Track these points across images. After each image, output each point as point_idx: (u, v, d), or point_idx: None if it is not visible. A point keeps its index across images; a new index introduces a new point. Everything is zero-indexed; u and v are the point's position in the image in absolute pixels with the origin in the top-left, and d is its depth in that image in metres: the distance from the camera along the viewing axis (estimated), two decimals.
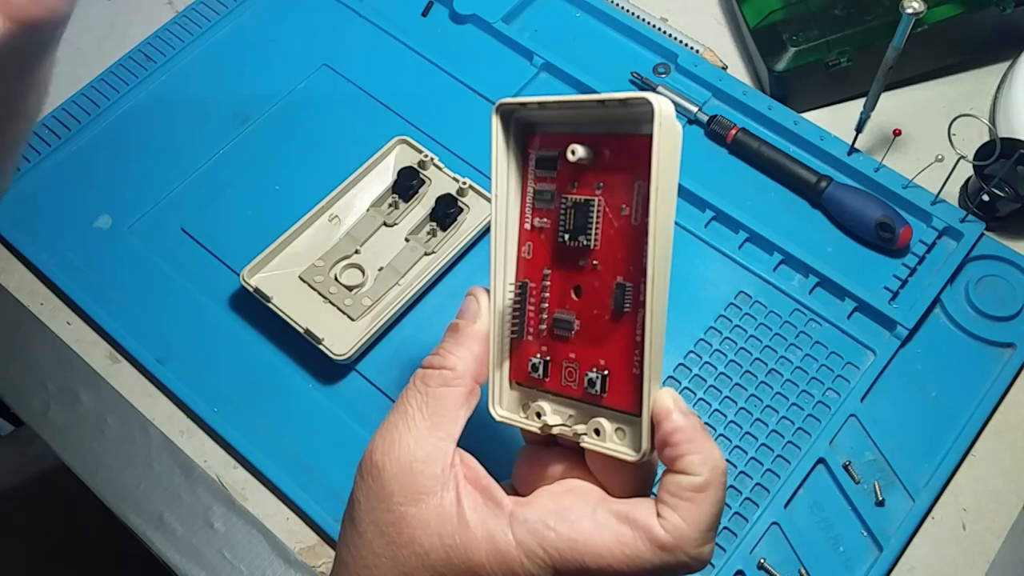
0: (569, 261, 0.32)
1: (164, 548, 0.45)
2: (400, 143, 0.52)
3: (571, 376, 0.32)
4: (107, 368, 0.49)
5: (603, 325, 0.32)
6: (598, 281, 0.32)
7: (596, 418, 0.32)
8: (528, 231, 0.33)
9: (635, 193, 0.31)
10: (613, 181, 0.31)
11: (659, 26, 0.58)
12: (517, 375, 0.34)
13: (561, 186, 0.32)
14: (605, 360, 0.32)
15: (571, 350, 0.32)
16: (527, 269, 0.33)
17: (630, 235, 0.31)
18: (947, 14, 0.53)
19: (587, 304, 0.32)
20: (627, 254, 0.31)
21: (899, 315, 0.48)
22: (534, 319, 0.33)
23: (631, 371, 0.31)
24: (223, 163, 0.54)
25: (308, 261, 0.49)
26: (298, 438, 0.46)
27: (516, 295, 0.33)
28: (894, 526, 0.43)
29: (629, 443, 0.31)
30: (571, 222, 0.32)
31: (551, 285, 0.33)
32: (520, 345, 0.34)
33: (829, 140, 0.53)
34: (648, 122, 0.29)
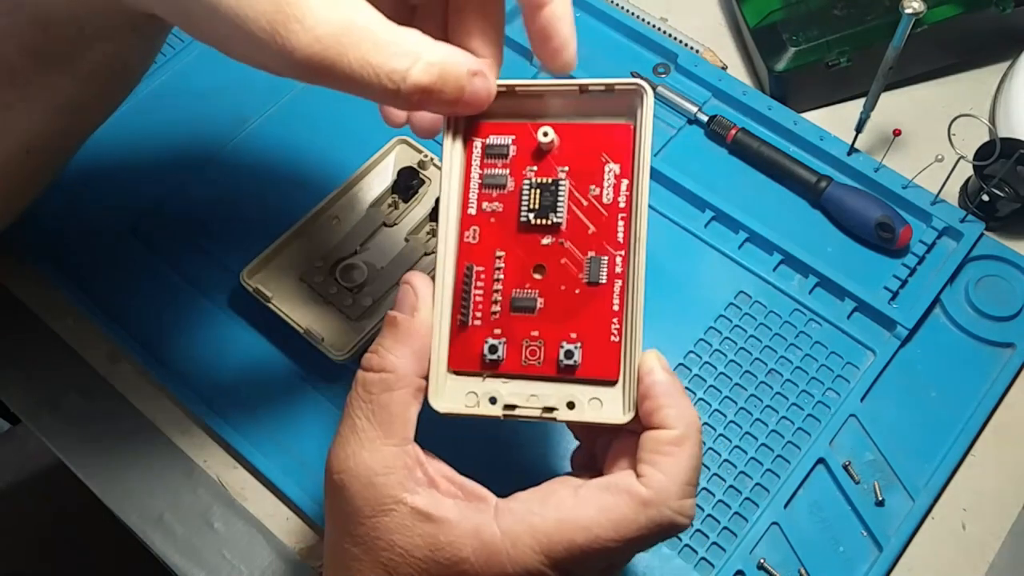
0: (530, 241, 0.33)
1: (164, 548, 0.45)
2: (400, 143, 0.52)
3: (534, 355, 0.33)
4: (107, 368, 0.49)
5: (573, 299, 0.33)
6: (566, 257, 0.33)
7: (567, 392, 0.32)
8: (472, 216, 0.34)
9: (607, 174, 0.33)
10: (580, 164, 0.33)
11: (659, 26, 0.58)
12: (458, 363, 0.33)
13: (516, 170, 0.33)
14: (577, 332, 0.32)
15: (534, 328, 0.33)
16: (472, 253, 0.33)
17: (602, 213, 0.33)
18: (947, 14, 0.53)
19: (553, 281, 0.33)
20: (599, 230, 0.33)
21: (899, 315, 0.48)
22: (483, 303, 0.33)
23: (608, 340, 0.32)
24: (223, 163, 0.54)
25: (308, 262, 0.49)
26: (298, 438, 0.46)
27: (462, 280, 0.33)
28: (894, 526, 0.43)
29: (609, 410, 0.32)
30: (536, 201, 0.33)
31: (506, 267, 0.33)
32: (464, 332, 0.33)
33: (829, 140, 0.53)
34: (626, 113, 0.32)
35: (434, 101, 0.30)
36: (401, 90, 0.29)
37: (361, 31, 0.28)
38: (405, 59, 0.28)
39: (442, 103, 0.30)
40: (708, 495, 0.44)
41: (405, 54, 0.28)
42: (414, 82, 0.29)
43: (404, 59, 0.28)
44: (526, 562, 0.30)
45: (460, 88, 0.30)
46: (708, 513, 0.44)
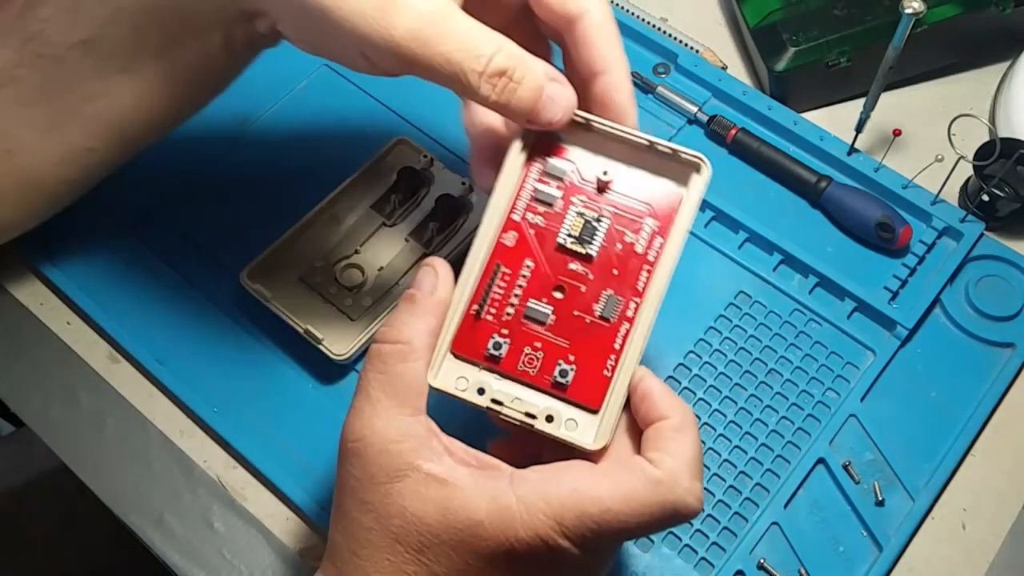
0: (560, 262, 0.35)
1: (164, 548, 0.45)
2: (400, 143, 0.52)
3: (531, 363, 0.34)
4: (107, 368, 0.49)
5: (582, 326, 0.34)
6: (587, 287, 0.35)
7: (550, 405, 0.34)
8: (515, 221, 0.35)
9: (644, 227, 0.35)
10: (625, 209, 0.35)
11: (659, 26, 0.58)
12: (461, 348, 0.35)
13: (568, 195, 0.35)
14: (576, 357, 0.34)
15: (539, 340, 0.34)
16: (505, 255, 0.35)
17: (631, 260, 0.35)
18: (947, 14, 0.53)
19: (569, 303, 0.35)
20: (623, 274, 0.35)
21: (899, 315, 0.48)
22: (500, 302, 0.35)
23: (601, 372, 0.34)
24: (223, 163, 0.54)
25: (308, 262, 0.49)
26: (298, 438, 0.46)
27: (488, 275, 0.35)
28: (894, 526, 0.43)
29: (582, 434, 0.34)
30: (578, 229, 0.35)
31: (530, 277, 0.35)
32: (476, 323, 0.35)
33: (829, 140, 0.53)
34: (681, 179, 0.35)
35: (512, 96, 0.32)
36: (484, 73, 0.31)
37: (455, 19, 0.31)
38: (492, 46, 0.31)
39: (520, 101, 0.32)
40: (708, 495, 0.44)
41: (492, 42, 0.31)
42: (496, 65, 0.31)
43: (491, 46, 0.31)
44: (538, 527, 0.30)
45: (538, 87, 0.32)
46: (708, 513, 0.44)
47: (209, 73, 0.40)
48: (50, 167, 0.41)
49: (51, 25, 0.37)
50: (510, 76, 0.31)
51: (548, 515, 0.30)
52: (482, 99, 0.32)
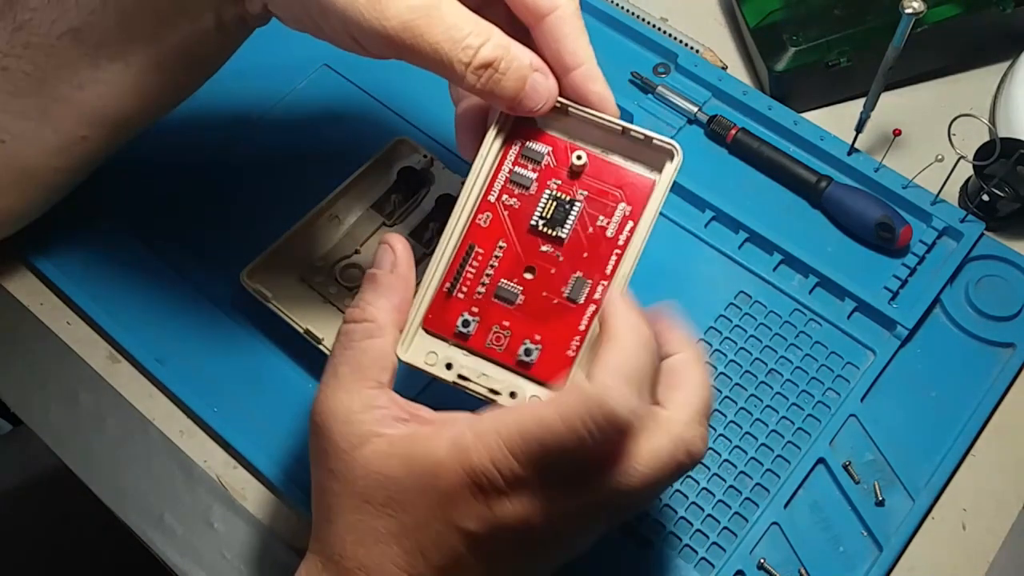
0: (532, 244, 0.36)
1: (164, 548, 0.45)
2: (400, 143, 0.52)
3: (498, 341, 0.35)
4: (107, 368, 0.49)
5: (550, 307, 0.35)
6: (556, 269, 0.36)
7: (514, 382, 0.35)
8: (490, 203, 0.36)
9: (617, 212, 0.36)
10: (599, 194, 0.36)
11: (659, 26, 0.58)
12: (432, 324, 0.36)
13: (543, 178, 0.36)
14: (542, 336, 0.35)
15: (507, 318, 0.35)
16: (479, 235, 0.36)
17: (601, 243, 0.35)
18: (947, 14, 0.53)
19: (538, 284, 0.36)
20: (592, 257, 0.35)
21: (899, 315, 0.48)
22: (472, 281, 0.36)
23: (565, 352, 0.35)
24: (223, 163, 0.54)
25: (308, 261, 0.49)
26: (299, 438, 0.46)
27: (461, 254, 0.36)
28: (894, 526, 0.43)
29: None
30: (550, 212, 0.36)
31: (502, 258, 0.36)
32: (447, 300, 0.36)
33: (829, 140, 0.53)
34: (655, 165, 0.36)
35: (497, 85, 0.33)
36: (471, 65, 0.32)
37: (445, 9, 0.32)
38: (479, 37, 0.32)
39: (504, 91, 0.33)
40: (708, 495, 0.44)
41: (480, 33, 0.32)
42: (482, 57, 0.32)
43: (478, 37, 0.32)
44: (492, 453, 0.30)
45: (521, 78, 0.33)
46: (708, 513, 0.44)
47: (201, 55, 0.40)
48: (45, 156, 0.41)
49: (39, 14, 0.37)
50: (495, 67, 0.32)
51: (498, 440, 0.30)
52: (468, 87, 0.33)
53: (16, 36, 0.37)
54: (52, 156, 0.41)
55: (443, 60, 0.32)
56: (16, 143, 0.40)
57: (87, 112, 0.40)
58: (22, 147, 0.40)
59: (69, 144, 0.41)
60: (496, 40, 0.32)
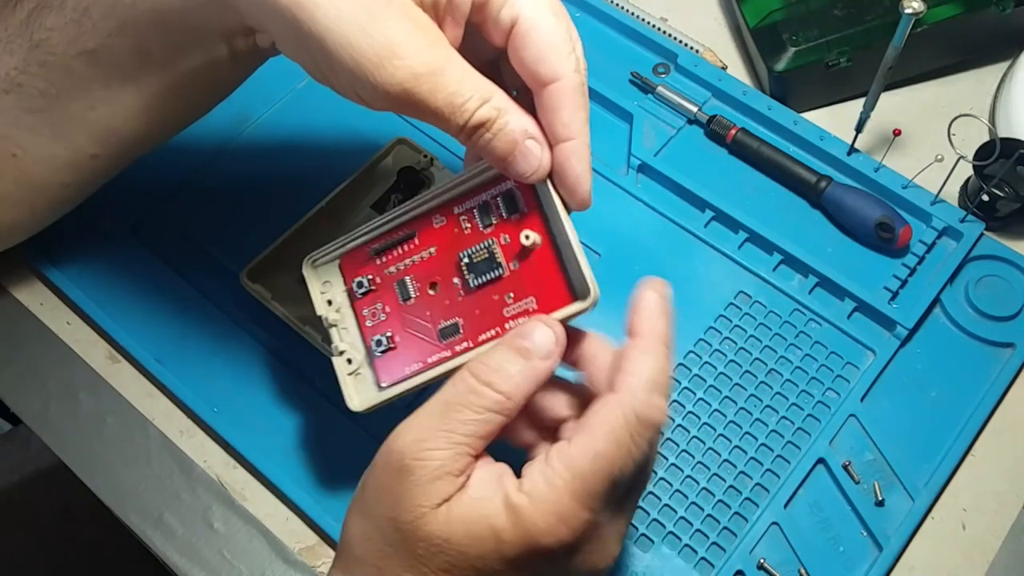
0: (450, 269, 0.37)
1: (164, 548, 0.45)
2: (400, 143, 0.52)
3: (373, 316, 0.38)
4: (107, 368, 0.49)
5: (420, 327, 0.37)
6: (449, 302, 0.36)
7: (358, 356, 0.38)
8: (453, 213, 0.37)
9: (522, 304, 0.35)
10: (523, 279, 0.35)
11: (659, 26, 0.58)
12: (345, 264, 0.40)
13: (498, 229, 0.36)
14: (399, 341, 0.37)
15: (390, 307, 0.38)
16: (425, 230, 0.38)
17: (492, 315, 0.35)
18: (947, 14, 0.53)
19: (429, 302, 0.37)
20: (475, 319, 0.35)
21: (899, 315, 0.48)
22: (392, 259, 0.38)
23: (403, 368, 0.37)
24: (223, 163, 0.54)
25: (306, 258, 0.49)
26: (299, 438, 0.46)
27: (402, 232, 0.38)
28: (894, 526, 0.43)
29: (354, 390, 0.38)
30: (480, 259, 0.36)
31: (425, 261, 0.37)
32: (368, 258, 0.39)
33: (829, 140, 0.53)
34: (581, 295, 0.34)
35: (487, 145, 0.33)
36: (465, 126, 0.32)
37: (447, 73, 0.32)
38: (477, 99, 0.32)
39: (494, 151, 0.33)
40: (708, 495, 0.44)
41: (477, 95, 0.32)
42: (477, 118, 0.32)
43: (476, 99, 0.32)
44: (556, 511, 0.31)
45: (511, 142, 0.33)
46: (708, 513, 0.44)
47: (214, 82, 0.40)
48: (55, 172, 0.41)
49: (57, 34, 0.37)
50: (487, 127, 0.33)
51: (558, 496, 0.30)
52: (463, 143, 0.34)
53: (32, 54, 0.37)
54: (62, 172, 0.41)
55: (441, 121, 0.33)
56: (27, 158, 0.40)
57: (99, 131, 0.40)
58: (33, 162, 0.41)
59: (79, 161, 0.41)
60: (494, 102, 0.33)
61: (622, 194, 0.52)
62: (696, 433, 0.46)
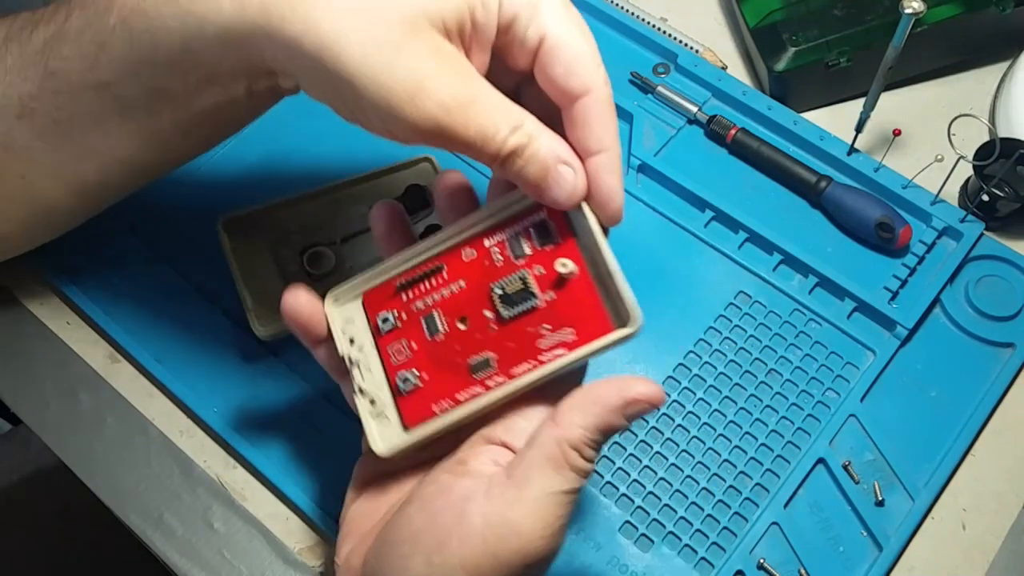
0: (481, 302, 0.35)
1: (164, 548, 0.45)
2: (425, 160, 0.51)
3: (399, 354, 0.36)
4: (107, 368, 0.49)
5: (450, 361, 0.35)
6: (481, 336, 0.34)
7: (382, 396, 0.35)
8: (484, 246, 0.35)
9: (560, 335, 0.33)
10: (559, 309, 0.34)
11: (659, 26, 0.58)
12: (368, 300, 0.37)
13: (532, 259, 0.34)
14: (428, 378, 0.35)
15: (417, 343, 0.35)
16: (453, 263, 0.36)
17: (528, 347, 0.34)
18: (947, 14, 0.53)
19: (459, 337, 0.35)
20: (510, 353, 0.34)
21: (899, 315, 0.48)
22: (419, 295, 0.36)
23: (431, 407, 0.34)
24: (223, 163, 0.54)
25: (286, 231, 0.48)
26: (298, 438, 0.46)
27: (430, 267, 0.36)
28: (894, 526, 0.43)
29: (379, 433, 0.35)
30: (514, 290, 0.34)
31: (454, 295, 0.35)
32: (393, 293, 0.36)
33: (829, 140, 0.53)
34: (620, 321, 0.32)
35: (520, 172, 0.32)
36: (499, 155, 0.32)
37: (478, 103, 0.31)
38: (507, 126, 0.31)
39: (527, 178, 0.32)
40: (708, 495, 0.44)
41: (508, 122, 0.32)
42: (510, 147, 0.32)
43: (507, 126, 0.31)
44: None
45: (544, 167, 0.32)
46: (708, 513, 0.44)
47: (229, 119, 0.39)
48: (61, 196, 0.41)
49: (71, 63, 0.36)
50: (519, 154, 0.32)
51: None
52: (497, 172, 0.33)
53: (47, 82, 0.37)
54: (70, 196, 0.41)
55: (474, 152, 0.32)
56: (36, 182, 0.40)
57: (109, 159, 0.39)
58: (41, 186, 0.40)
59: (87, 188, 0.41)
60: (526, 128, 0.32)
61: None
62: (696, 433, 0.46)
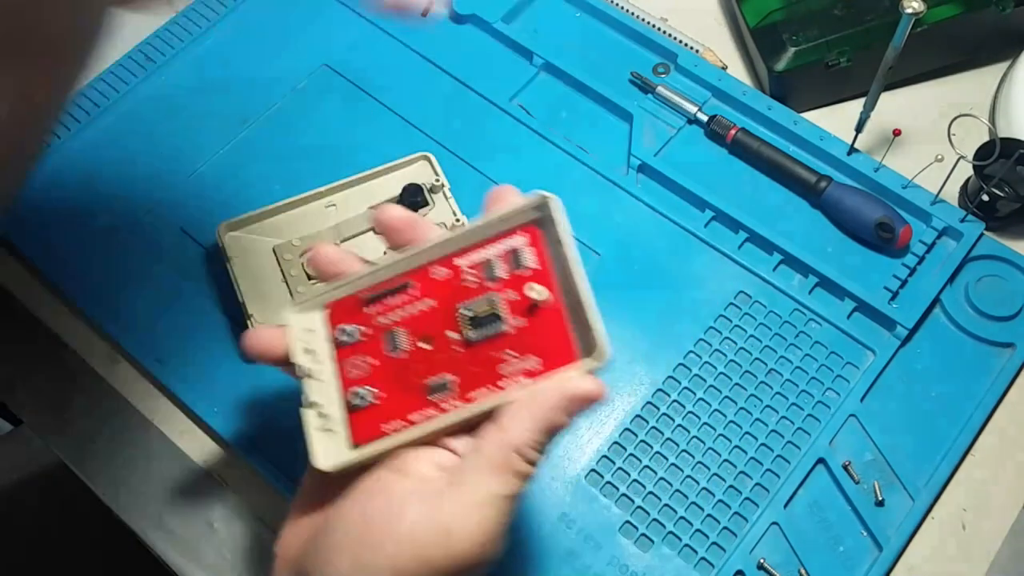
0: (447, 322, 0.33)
1: (164, 548, 0.45)
2: (423, 159, 0.51)
3: (356, 368, 0.34)
4: (107, 368, 0.49)
5: (409, 381, 0.33)
6: (443, 358, 0.33)
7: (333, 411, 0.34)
8: (455, 265, 0.34)
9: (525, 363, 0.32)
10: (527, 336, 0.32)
11: (659, 26, 0.58)
12: (333, 312, 0.35)
13: (504, 284, 0.33)
14: (384, 396, 0.33)
15: (376, 359, 0.34)
16: (422, 280, 0.34)
17: (490, 372, 0.32)
18: (947, 14, 0.53)
19: (420, 357, 0.33)
20: (470, 377, 0.32)
21: (899, 315, 0.48)
22: (383, 309, 0.35)
23: (379, 426, 0.33)
24: (223, 163, 0.54)
25: (287, 236, 0.49)
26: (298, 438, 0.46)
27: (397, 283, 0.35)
28: (894, 526, 0.43)
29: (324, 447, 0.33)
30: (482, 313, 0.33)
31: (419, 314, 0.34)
32: (357, 307, 0.35)
33: (829, 140, 0.53)
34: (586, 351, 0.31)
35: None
36: None
37: None
38: None
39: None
40: (708, 495, 0.44)
41: None
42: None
43: None
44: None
45: None
46: (708, 513, 0.44)
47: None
48: None
49: None
50: None
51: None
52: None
53: None
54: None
55: None
56: None
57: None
58: None
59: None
60: None
61: (622, 194, 0.52)
62: (696, 433, 0.46)
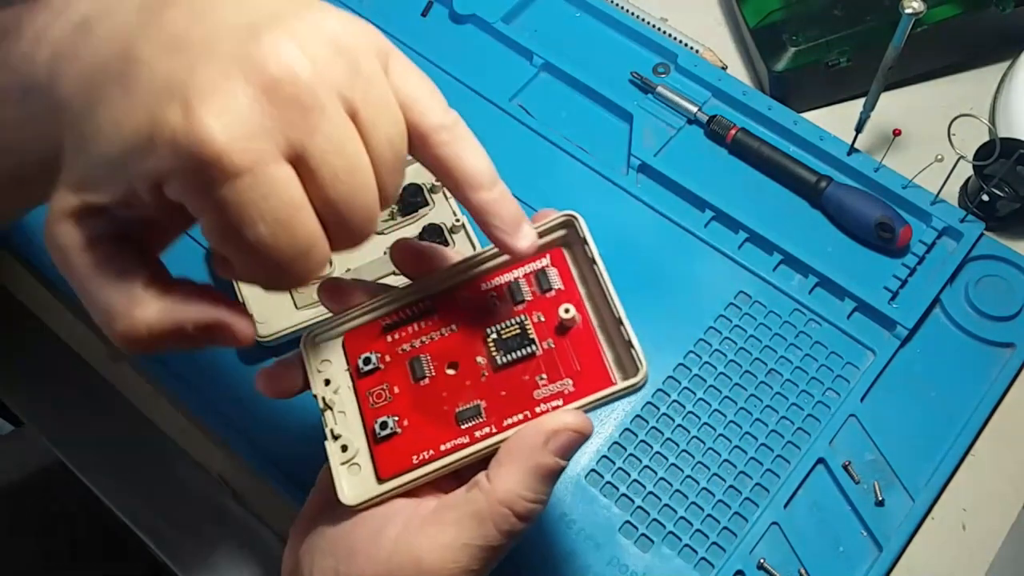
0: (473, 347, 0.33)
1: (164, 548, 0.45)
2: None
3: (379, 398, 0.33)
4: (107, 368, 0.49)
5: (435, 409, 0.32)
6: (470, 383, 0.32)
7: (356, 441, 0.33)
8: (482, 290, 0.34)
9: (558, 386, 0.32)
10: (558, 358, 0.32)
11: (659, 26, 0.58)
12: (350, 341, 0.34)
13: (531, 306, 0.33)
14: (408, 424, 0.33)
15: (400, 387, 0.33)
16: (447, 307, 0.34)
17: (522, 398, 0.32)
18: (947, 14, 0.53)
19: (446, 383, 0.33)
20: (505, 400, 0.32)
21: (899, 315, 0.48)
22: (405, 337, 0.34)
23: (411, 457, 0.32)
24: None
25: None
26: (298, 438, 0.46)
27: (421, 310, 0.34)
28: (894, 526, 0.43)
29: (349, 482, 0.33)
30: (510, 335, 0.33)
31: (444, 339, 0.34)
32: (379, 334, 0.34)
33: (829, 140, 0.53)
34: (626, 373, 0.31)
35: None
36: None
37: None
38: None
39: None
40: (708, 495, 0.44)
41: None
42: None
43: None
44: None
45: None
46: (708, 513, 0.44)
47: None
48: None
49: None
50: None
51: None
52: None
53: None
54: None
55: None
56: None
57: None
58: None
59: None
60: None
61: (622, 194, 0.52)
62: (696, 433, 0.46)
